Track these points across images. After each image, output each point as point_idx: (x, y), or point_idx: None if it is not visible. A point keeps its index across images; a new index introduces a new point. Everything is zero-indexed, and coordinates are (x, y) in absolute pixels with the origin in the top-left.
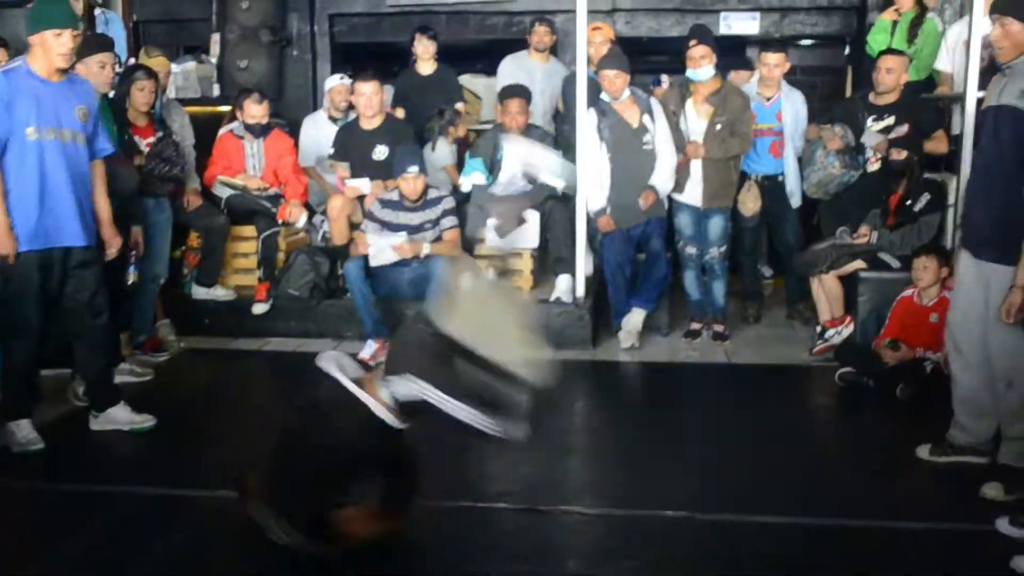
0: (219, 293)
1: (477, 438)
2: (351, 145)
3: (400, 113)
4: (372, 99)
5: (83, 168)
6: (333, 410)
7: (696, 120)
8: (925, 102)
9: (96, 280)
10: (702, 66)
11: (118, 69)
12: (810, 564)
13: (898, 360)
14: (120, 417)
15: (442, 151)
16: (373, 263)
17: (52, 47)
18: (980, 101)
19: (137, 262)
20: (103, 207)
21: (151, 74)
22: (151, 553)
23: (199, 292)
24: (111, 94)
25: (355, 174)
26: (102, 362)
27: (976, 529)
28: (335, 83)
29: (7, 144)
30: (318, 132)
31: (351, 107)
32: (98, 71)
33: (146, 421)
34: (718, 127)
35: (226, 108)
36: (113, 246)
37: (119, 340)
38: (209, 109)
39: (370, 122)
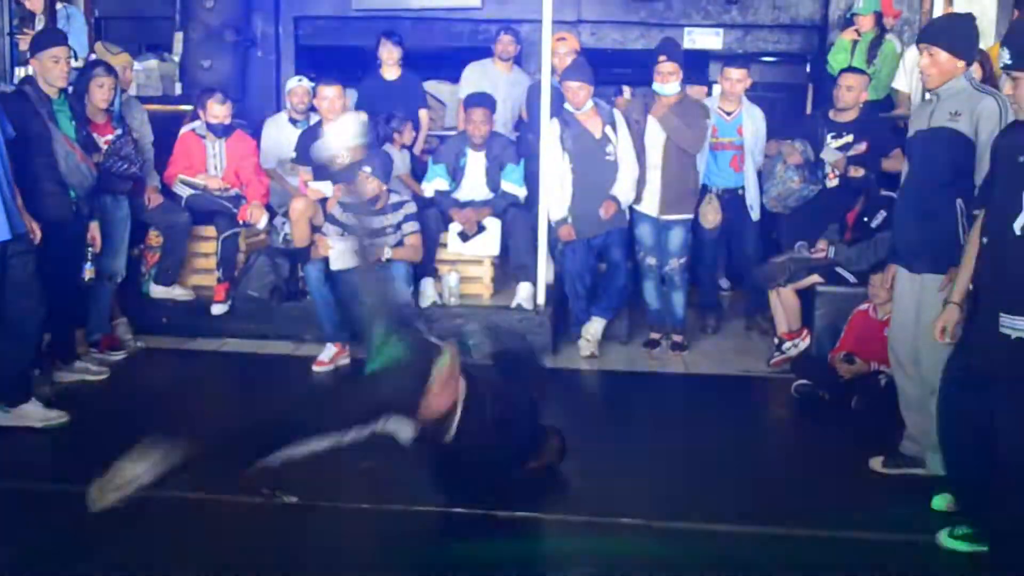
0: (177, 292)
1: None
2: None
3: (363, 117)
4: (335, 103)
5: (3, 154)
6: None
7: (658, 131)
8: (883, 121)
9: (28, 272)
10: (669, 82)
11: (77, 64)
12: (763, 572)
13: (853, 373)
14: (33, 414)
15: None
16: (334, 266)
17: None
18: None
19: (93, 258)
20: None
21: (110, 71)
22: (99, 553)
23: (157, 291)
24: (69, 89)
25: (317, 178)
26: (26, 357)
27: (922, 540)
28: (294, 85)
29: None
30: (279, 134)
31: (311, 109)
32: (52, 66)
33: (59, 417)
34: None
35: (188, 107)
36: (35, 233)
37: (73, 338)
38: (171, 108)
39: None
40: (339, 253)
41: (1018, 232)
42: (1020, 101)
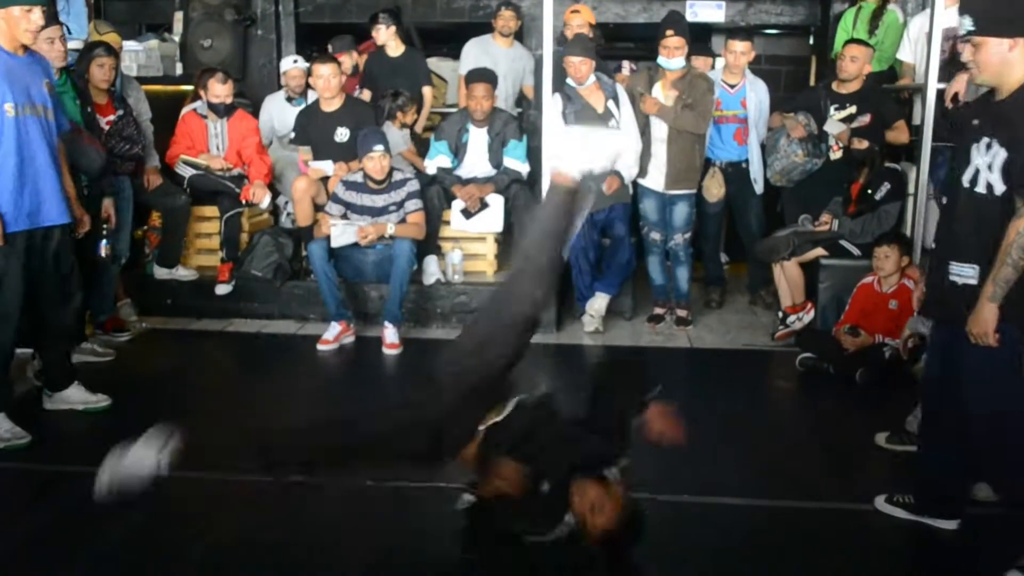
0: (181, 273)
1: None
2: (312, 128)
3: (367, 95)
4: (330, 81)
5: (55, 143)
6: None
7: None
8: (887, 92)
9: (71, 260)
10: (676, 56)
11: (78, 45)
12: (767, 544)
13: (857, 346)
14: (75, 397)
15: (393, 136)
16: (335, 244)
17: (20, 23)
18: (941, 92)
19: (110, 235)
20: (70, 184)
21: (111, 51)
22: (106, 534)
23: (161, 272)
24: (70, 69)
25: (317, 157)
26: (66, 342)
27: None
28: (289, 66)
29: None
30: (277, 113)
31: (309, 89)
32: (48, 47)
33: (101, 401)
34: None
35: (189, 87)
36: (84, 224)
37: (84, 319)
38: (171, 88)
39: (330, 104)
40: (340, 231)
41: (966, 184)
42: (980, 66)
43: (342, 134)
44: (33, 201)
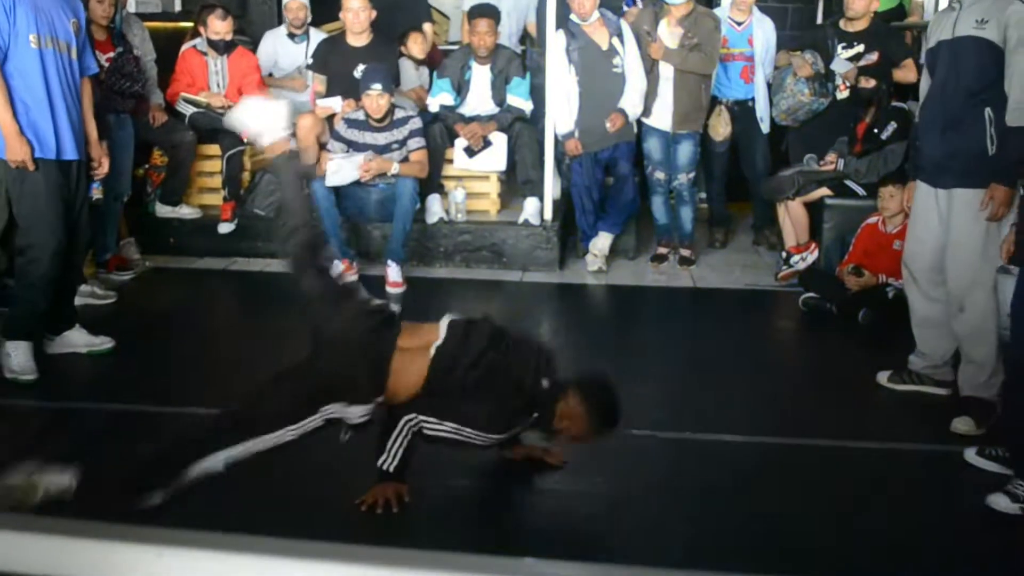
0: (184, 212)
1: None
2: (333, 59)
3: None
4: (359, 14)
5: (77, 82)
6: None
7: (668, 42)
8: (895, 30)
9: (83, 198)
10: None
11: None
12: (768, 480)
13: (861, 286)
14: (77, 340)
15: (408, 73)
16: (329, 183)
17: None
18: (924, 35)
19: (101, 179)
20: (92, 126)
21: None
22: (119, 468)
23: (164, 211)
24: None
25: (332, 89)
26: (74, 283)
27: (928, 449)
28: None
29: (8, 52)
30: (277, 48)
31: (311, 26)
32: None
33: (104, 343)
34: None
35: (188, 24)
36: (103, 166)
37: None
38: (171, 25)
39: (357, 39)
40: (336, 168)
41: None
42: None
43: (362, 70)
44: (58, 133)
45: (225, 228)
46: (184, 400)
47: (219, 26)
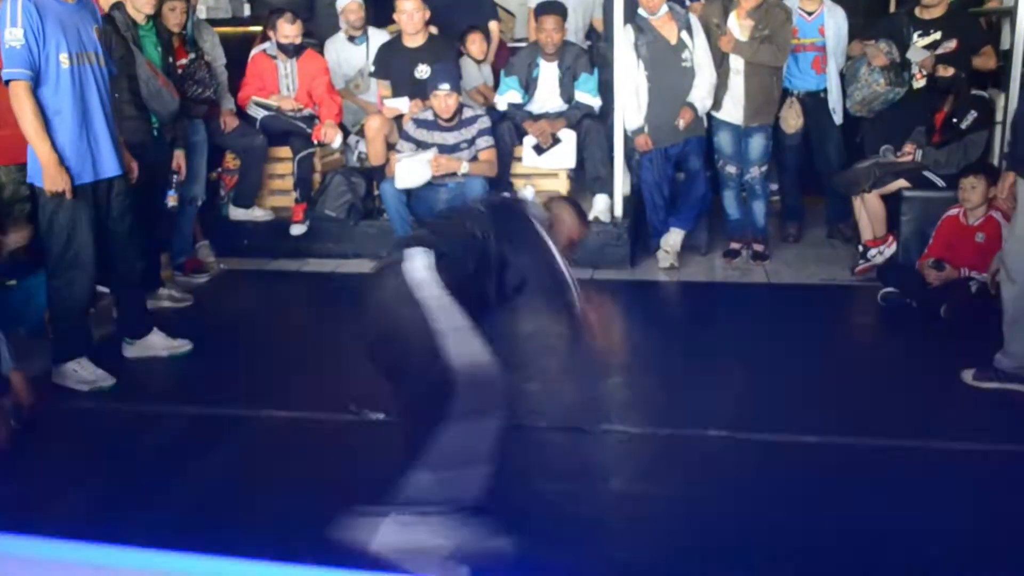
0: (257, 214)
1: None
2: (393, 63)
3: (433, 31)
4: (414, 16)
5: (109, 92)
6: None
7: (739, 34)
8: (973, 16)
9: (130, 208)
10: None
11: None
12: (850, 481)
13: (942, 280)
14: (156, 343)
15: (470, 71)
16: (400, 185)
17: None
18: None
19: (177, 185)
20: (117, 132)
21: None
22: (199, 469)
23: (237, 213)
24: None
25: (396, 92)
26: (137, 290)
27: (1019, 450)
28: (345, 2)
29: (40, 75)
30: (339, 55)
31: (370, 26)
32: None
33: (183, 346)
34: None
35: (257, 28)
36: (132, 171)
37: (159, 265)
38: (240, 29)
39: (413, 40)
40: (407, 171)
41: None
42: None
43: (423, 71)
44: (94, 152)
45: (297, 230)
46: (260, 403)
47: (288, 30)
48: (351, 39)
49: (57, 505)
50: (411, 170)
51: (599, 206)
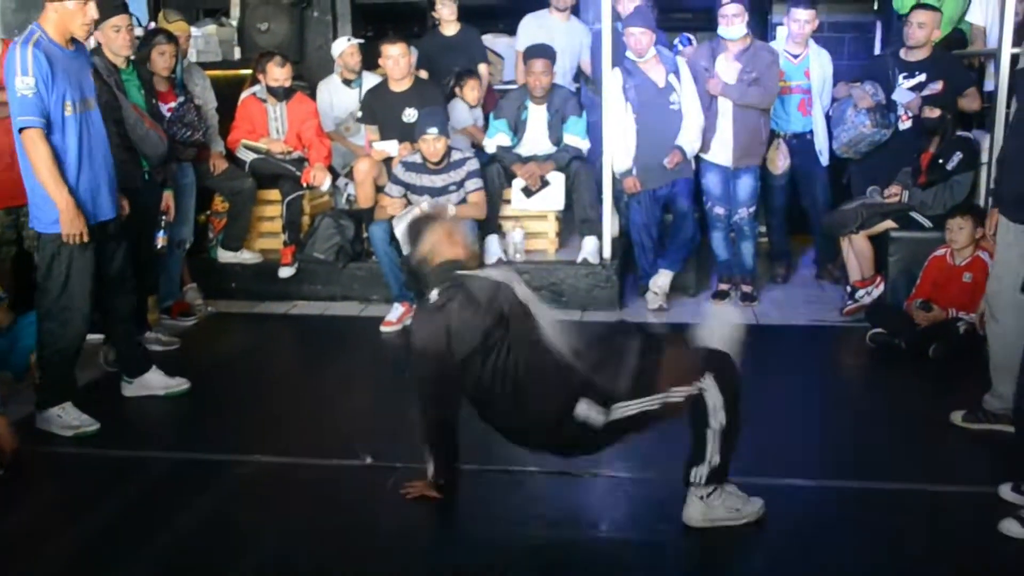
0: (245, 257)
1: None
2: (380, 107)
3: (424, 75)
4: (399, 61)
5: (106, 137)
6: None
7: (726, 77)
8: (957, 58)
9: (123, 250)
10: (735, 24)
11: (138, 32)
12: (839, 525)
13: (930, 321)
14: (155, 382)
15: (461, 113)
16: (399, 232)
17: (76, 17)
18: (1016, 58)
19: (166, 226)
20: (115, 176)
21: (171, 38)
22: (183, 517)
23: (225, 256)
24: (131, 58)
25: (384, 136)
26: (131, 330)
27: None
28: (343, 46)
29: (51, 122)
30: (332, 97)
31: (364, 68)
32: (114, 36)
33: (181, 384)
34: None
35: (247, 71)
36: (124, 208)
37: (146, 308)
38: (230, 72)
39: (399, 84)
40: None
41: None
42: None
43: (410, 115)
44: (95, 196)
45: (285, 272)
46: (247, 448)
47: (278, 73)
48: (346, 82)
49: (35, 555)
50: (405, 219)
51: (588, 248)
